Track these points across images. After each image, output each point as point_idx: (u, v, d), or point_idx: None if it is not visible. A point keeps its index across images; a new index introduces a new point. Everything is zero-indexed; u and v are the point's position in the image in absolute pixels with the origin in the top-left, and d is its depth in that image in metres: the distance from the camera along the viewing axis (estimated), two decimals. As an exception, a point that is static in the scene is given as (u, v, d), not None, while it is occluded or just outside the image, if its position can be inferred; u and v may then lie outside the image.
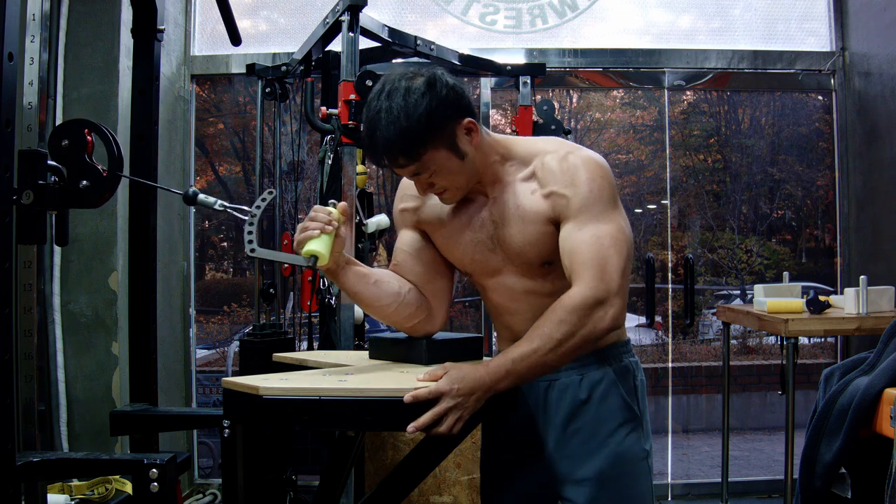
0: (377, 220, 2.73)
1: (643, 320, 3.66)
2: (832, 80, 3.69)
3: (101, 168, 1.48)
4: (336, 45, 2.66)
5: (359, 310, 2.50)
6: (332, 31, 2.65)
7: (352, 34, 2.45)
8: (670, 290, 3.74)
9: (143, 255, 1.93)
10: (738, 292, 3.87)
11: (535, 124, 3.20)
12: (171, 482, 1.40)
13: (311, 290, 2.84)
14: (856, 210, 3.62)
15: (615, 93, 3.87)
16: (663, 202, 3.76)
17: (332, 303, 2.66)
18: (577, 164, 1.36)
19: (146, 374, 1.90)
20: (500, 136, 1.47)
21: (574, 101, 3.88)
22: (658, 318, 3.73)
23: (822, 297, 2.88)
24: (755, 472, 3.68)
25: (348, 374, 1.38)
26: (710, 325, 3.88)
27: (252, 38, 3.65)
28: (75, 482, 2.56)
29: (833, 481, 2.26)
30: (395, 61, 3.08)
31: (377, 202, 3.42)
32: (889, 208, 3.33)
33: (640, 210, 3.80)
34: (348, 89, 2.43)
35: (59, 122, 2.45)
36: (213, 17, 3.62)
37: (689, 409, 3.78)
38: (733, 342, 3.74)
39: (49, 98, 2.85)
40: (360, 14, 2.47)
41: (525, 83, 3.20)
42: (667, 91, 3.74)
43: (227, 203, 1.64)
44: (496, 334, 1.65)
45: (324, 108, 2.64)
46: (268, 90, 3.13)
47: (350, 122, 2.44)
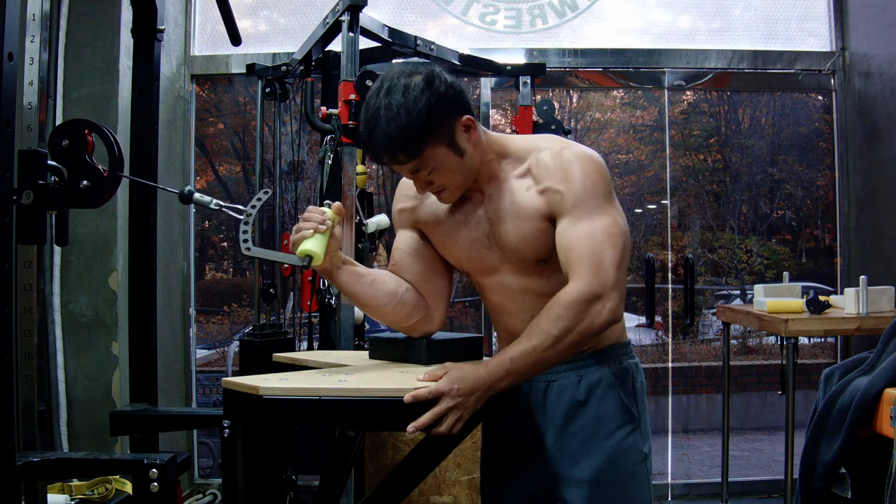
0: (377, 220, 2.73)
1: (643, 320, 3.66)
2: (832, 80, 3.68)
3: (102, 168, 1.48)
4: (336, 45, 2.66)
5: (359, 310, 2.50)
6: (332, 31, 2.66)
7: (352, 34, 2.45)
8: (670, 290, 3.73)
9: (143, 255, 1.93)
10: (738, 292, 3.86)
11: (535, 124, 3.20)
12: (171, 482, 1.40)
13: (311, 290, 2.85)
14: (856, 210, 3.62)
15: (615, 93, 3.86)
16: (663, 202, 3.76)
17: (332, 303, 2.66)
18: (571, 160, 1.36)
19: (146, 374, 1.90)
20: (497, 134, 1.47)
21: (574, 101, 3.88)
22: (658, 318, 3.73)
23: (822, 297, 2.88)
24: (755, 472, 3.68)
25: (348, 374, 1.38)
26: (710, 325, 3.87)
27: (252, 38, 3.65)
28: (75, 482, 2.56)
29: (833, 481, 2.26)
30: (395, 61, 3.07)
31: (377, 202, 3.42)
32: (889, 208, 3.33)
33: (640, 210, 3.80)
34: (348, 89, 2.43)
35: (59, 122, 2.45)
36: (213, 17, 3.62)
37: (689, 409, 3.78)
38: (733, 342, 3.74)
39: (49, 98, 2.85)
40: (360, 14, 2.48)
41: (525, 83, 3.21)
42: (667, 91, 3.74)
43: (222, 202, 1.64)
44: (496, 335, 1.65)
45: (324, 108, 2.64)
46: (268, 90, 3.13)
47: (350, 122, 2.44)
